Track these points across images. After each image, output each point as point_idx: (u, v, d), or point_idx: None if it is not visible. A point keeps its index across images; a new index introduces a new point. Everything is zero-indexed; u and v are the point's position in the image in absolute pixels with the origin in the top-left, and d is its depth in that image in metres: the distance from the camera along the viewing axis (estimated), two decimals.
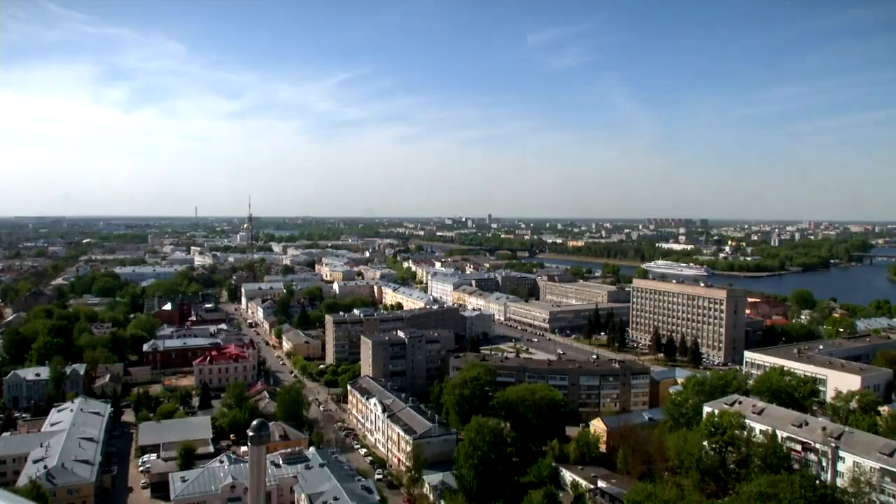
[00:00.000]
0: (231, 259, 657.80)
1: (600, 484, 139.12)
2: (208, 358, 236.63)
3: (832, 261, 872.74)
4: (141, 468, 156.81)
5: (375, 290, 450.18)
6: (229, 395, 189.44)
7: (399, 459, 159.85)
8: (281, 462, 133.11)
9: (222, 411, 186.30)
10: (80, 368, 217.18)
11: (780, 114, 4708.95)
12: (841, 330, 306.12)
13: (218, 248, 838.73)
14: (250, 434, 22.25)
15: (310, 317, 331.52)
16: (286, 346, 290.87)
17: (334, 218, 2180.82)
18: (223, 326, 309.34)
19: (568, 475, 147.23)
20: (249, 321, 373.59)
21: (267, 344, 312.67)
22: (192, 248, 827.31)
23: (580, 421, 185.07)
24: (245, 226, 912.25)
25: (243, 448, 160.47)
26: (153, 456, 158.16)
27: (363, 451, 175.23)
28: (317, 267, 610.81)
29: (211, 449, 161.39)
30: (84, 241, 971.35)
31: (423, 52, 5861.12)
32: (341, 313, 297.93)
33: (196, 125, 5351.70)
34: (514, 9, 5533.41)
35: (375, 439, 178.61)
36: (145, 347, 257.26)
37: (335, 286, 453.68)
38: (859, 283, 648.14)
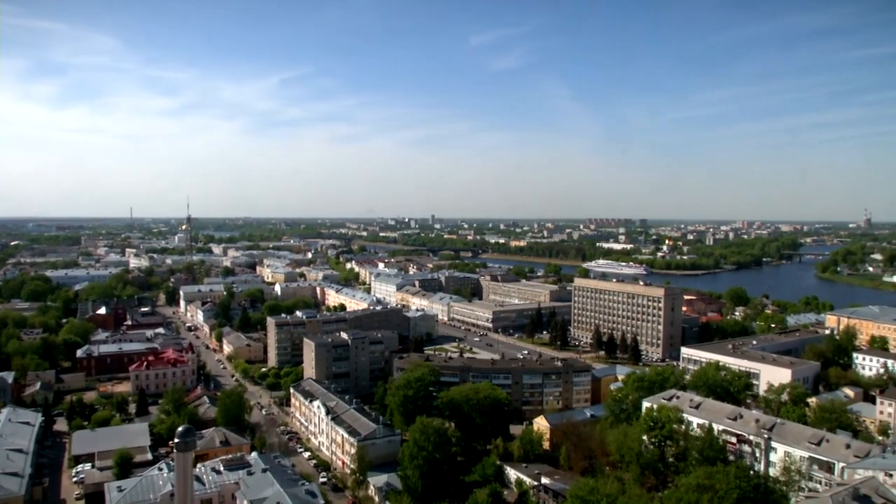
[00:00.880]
0: (169, 261, 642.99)
1: (544, 480, 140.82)
2: (145, 363, 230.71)
3: (764, 259, 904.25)
4: (74, 479, 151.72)
5: (318, 291, 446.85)
6: (167, 401, 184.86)
7: (343, 462, 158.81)
8: (222, 468, 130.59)
9: (160, 418, 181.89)
10: (8, 376, 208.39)
11: (712, 117, 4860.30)
12: (772, 326, 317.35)
13: (155, 249, 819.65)
14: (176, 440, 21.81)
15: (251, 319, 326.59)
16: (227, 349, 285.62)
17: (276, 219, 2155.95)
18: (161, 330, 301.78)
19: (512, 473, 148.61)
20: (188, 325, 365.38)
21: (207, 348, 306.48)
22: (128, 250, 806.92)
23: (524, 419, 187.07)
24: (183, 227, 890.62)
25: None
26: (87, 466, 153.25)
27: (307, 454, 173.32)
28: (258, 268, 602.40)
29: (149, 456, 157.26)
30: (12, 243, 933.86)
31: (366, 52, 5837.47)
32: (283, 315, 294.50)
33: (131, 123, 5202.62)
34: (456, 10, 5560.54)
35: (319, 442, 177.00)
36: (79, 353, 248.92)
37: (277, 288, 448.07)
38: (789, 281, 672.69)
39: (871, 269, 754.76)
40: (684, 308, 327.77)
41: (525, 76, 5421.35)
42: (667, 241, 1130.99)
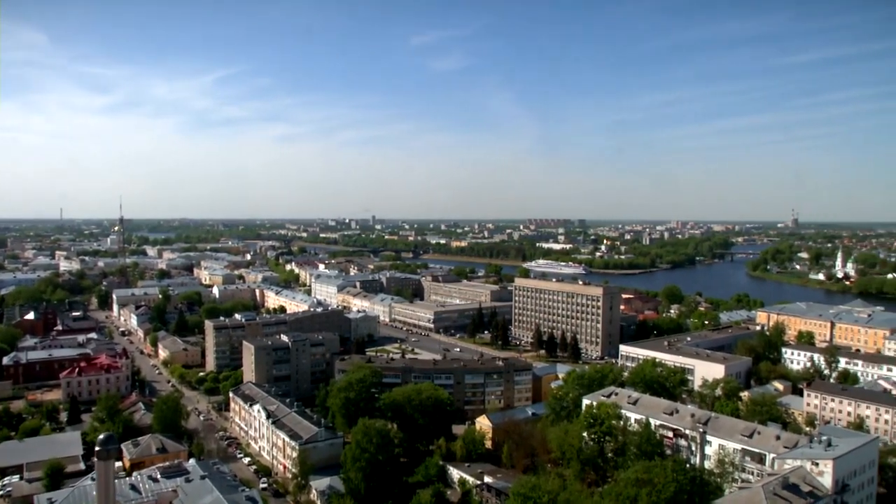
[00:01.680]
0: (101, 264, 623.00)
1: (487, 479, 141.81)
2: (77, 370, 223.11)
3: (698, 258, 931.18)
4: (1, 492, 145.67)
5: (257, 293, 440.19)
6: (101, 409, 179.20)
7: (285, 466, 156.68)
8: (159, 476, 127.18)
9: (93, 426, 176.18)
10: None
11: (650, 119, 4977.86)
12: (706, 323, 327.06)
13: (86, 252, 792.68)
14: (97, 449, 20.86)
15: (188, 323, 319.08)
16: (163, 354, 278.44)
17: (213, 220, 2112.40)
18: (93, 335, 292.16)
19: (455, 473, 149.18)
20: (122, 329, 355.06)
21: (142, 353, 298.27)
22: (58, 252, 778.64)
23: (466, 419, 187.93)
24: (116, 228, 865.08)
25: (118, 463, 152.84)
26: (15, 478, 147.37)
27: (247, 459, 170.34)
28: (195, 271, 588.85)
29: (82, 466, 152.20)
30: None
31: (305, 51, 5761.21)
32: (222, 318, 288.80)
33: (62, 121, 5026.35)
34: (396, 10, 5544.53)
35: (260, 447, 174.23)
36: (5, 360, 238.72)
37: (215, 290, 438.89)
38: (722, 279, 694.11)
39: (798, 267, 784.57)
40: (622, 307, 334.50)
41: (466, 78, 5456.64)
42: (605, 241, 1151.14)
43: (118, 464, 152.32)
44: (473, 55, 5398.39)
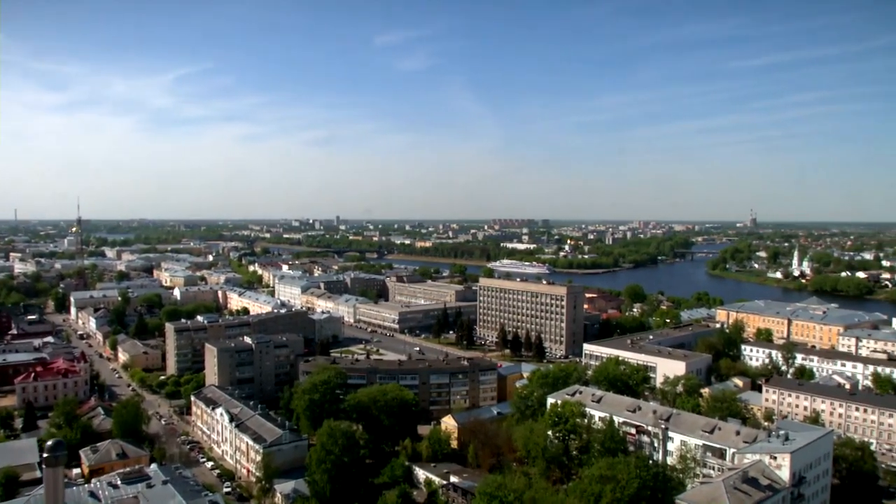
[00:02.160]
0: (58, 266, 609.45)
1: (453, 479, 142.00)
2: (33, 374, 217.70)
3: (659, 257, 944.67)
4: None
5: (220, 295, 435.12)
6: (58, 414, 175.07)
7: (249, 470, 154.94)
8: (119, 482, 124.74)
9: (51, 432, 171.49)
10: None
11: (613, 121, 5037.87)
12: (668, 321, 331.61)
13: (42, 253, 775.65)
14: (44, 455, 20.21)
15: (148, 325, 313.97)
16: (122, 357, 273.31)
17: (174, 220, 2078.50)
18: (49, 339, 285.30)
19: (421, 473, 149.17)
20: (80, 332, 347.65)
21: (101, 356, 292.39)
22: (12, 254, 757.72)
23: (432, 419, 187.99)
24: (73, 229, 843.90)
25: (75, 471, 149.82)
26: None
27: (210, 464, 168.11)
28: (155, 272, 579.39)
29: (38, 474, 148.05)
30: None
31: (268, 50, 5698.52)
32: (183, 320, 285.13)
33: (16, 119, 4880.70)
34: (359, 9, 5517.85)
35: (223, 451, 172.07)
36: None
37: (176, 292, 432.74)
38: (683, 278, 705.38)
39: (756, 265, 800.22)
40: (586, 306, 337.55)
41: (430, 77, 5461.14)
42: (568, 241, 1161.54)
43: (76, 470, 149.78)
44: (437, 55, 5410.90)
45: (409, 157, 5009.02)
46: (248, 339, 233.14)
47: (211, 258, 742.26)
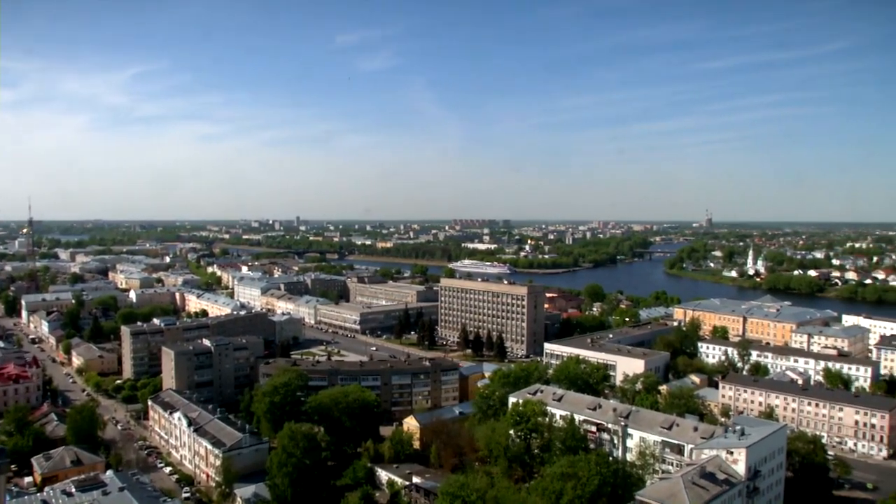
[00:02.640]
0: (8, 268, 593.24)
1: (415, 480, 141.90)
2: None
3: (618, 257, 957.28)
4: None
5: (178, 297, 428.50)
6: (9, 421, 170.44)
7: (208, 475, 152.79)
8: (74, 490, 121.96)
9: (1, 440, 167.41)
10: None
11: (573, 122, 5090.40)
12: (627, 319, 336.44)
13: None
14: None
15: (103, 329, 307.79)
16: (76, 361, 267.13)
17: (130, 221, 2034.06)
18: (0, 344, 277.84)
19: (383, 474, 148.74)
20: (32, 337, 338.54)
21: (54, 361, 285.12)
22: None
23: (394, 420, 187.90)
24: (25, 230, 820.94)
25: (27, 479, 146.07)
26: None
27: (168, 469, 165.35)
28: (111, 274, 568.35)
29: None
30: None
31: (226, 48, 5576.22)
32: (139, 323, 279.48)
33: None
34: (319, 8, 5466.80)
35: (181, 456, 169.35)
36: None
37: (132, 294, 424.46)
38: (641, 277, 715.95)
39: (712, 264, 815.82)
40: (546, 305, 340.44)
41: (392, 77, 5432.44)
42: (529, 241, 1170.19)
43: (28, 479, 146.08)
44: (399, 55, 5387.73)
45: (370, 157, 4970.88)
46: (206, 342, 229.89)
47: (168, 260, 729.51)
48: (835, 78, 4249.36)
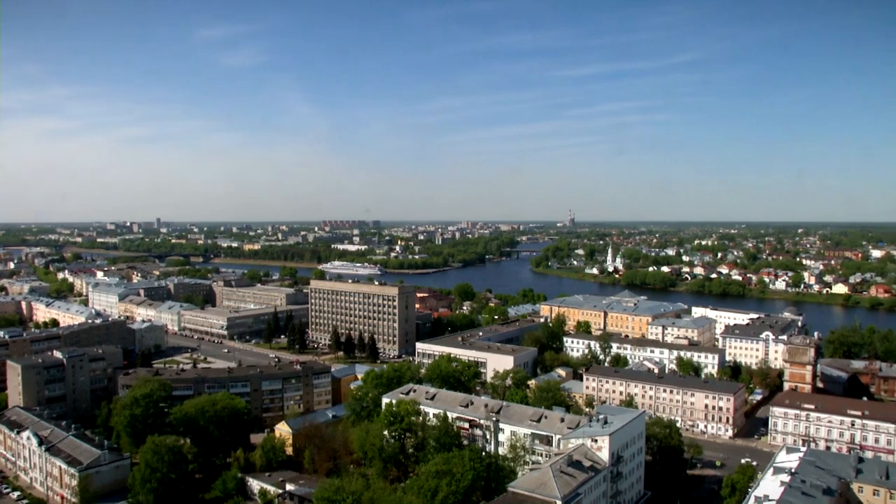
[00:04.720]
0: None
1: (289, 487, 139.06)
2: None
3: (487, 256, 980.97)
4: None
5: (24, 306, 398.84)
6: None
7: (63, 497, 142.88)
8: None
9: None
10: None
11: (442, 123, 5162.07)
12: (496, 317, 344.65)
13: None
14: None
15: None
16: None
17: None
18: None
19: (255, 483, 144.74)
20: None
21: None
22: None
23: (265, 426, 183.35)
24: None
25: None
26: None
27: (16, 494, 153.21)
28: None
29: None
30: None
31: (80, 37, 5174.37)
32: None
33: None
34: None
35: (32, 478, 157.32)
36: None
37: None
38: (509, 275, 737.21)
39: (575, 262, 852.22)
40: (417, 305, 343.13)
41: (258, 75, 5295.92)
42: (399, 242, 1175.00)
43: None
44: (265, 52, 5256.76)
45: (236, 157, 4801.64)
46: (58, 354, 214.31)
47: (12, 265, 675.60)
48: (686, 87, 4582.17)
